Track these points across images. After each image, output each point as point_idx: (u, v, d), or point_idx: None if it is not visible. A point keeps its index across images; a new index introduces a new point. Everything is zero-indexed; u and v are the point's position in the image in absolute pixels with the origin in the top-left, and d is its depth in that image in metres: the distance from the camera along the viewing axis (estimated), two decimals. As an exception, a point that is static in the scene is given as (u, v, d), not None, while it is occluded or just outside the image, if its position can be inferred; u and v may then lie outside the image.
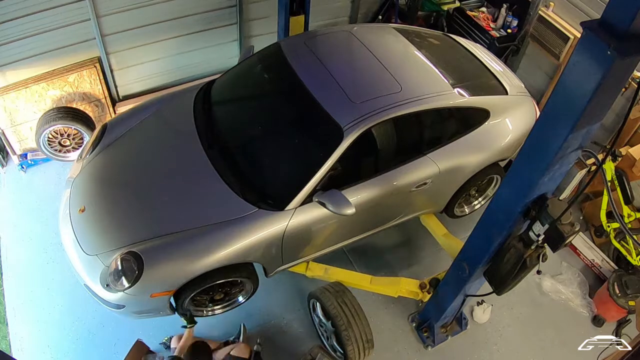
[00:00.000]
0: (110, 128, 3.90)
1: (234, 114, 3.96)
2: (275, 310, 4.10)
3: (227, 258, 3.18)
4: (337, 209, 3.23)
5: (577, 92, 2.00)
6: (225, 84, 4.11)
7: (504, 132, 4.05)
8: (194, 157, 3.55)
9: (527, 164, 2.44)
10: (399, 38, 4.21)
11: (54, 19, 4.40)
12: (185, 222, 3.25)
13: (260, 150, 3.65)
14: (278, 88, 3.94)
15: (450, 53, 4.42)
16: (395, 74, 3.73)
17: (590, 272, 4.62)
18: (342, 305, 3.48)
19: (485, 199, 4.55)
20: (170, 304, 3.33)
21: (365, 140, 3.44)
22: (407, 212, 4.11)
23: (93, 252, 3.25)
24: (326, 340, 3.77)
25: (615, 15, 1.78)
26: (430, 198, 4.05)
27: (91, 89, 4.92)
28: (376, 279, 3.91)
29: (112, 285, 3.11)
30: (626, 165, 4.32)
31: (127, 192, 3.50)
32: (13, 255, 4.30)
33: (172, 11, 4.95)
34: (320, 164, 3.31)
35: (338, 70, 3.69)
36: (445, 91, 3.78)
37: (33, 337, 3.83)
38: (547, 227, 2.55)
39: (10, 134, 4.80)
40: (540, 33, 5.37)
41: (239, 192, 3.37)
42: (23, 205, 4.66)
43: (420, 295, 3.87)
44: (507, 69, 4.55)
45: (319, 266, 3.88)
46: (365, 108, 3.45)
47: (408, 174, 3.69)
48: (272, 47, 4.06)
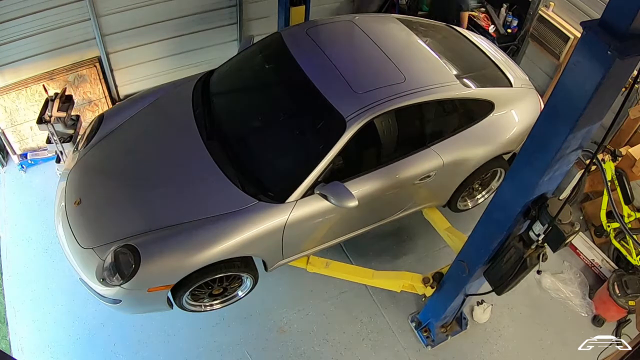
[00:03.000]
0: (107, 118, 3.83)
1: (233, 104, 3.90)
2: (275, 306, 4.10)
3: (226, 252, 3.12)
4: (339, 201, 3.16)
5: (577, 92, 2.00)
6: (224, 74, 4.03)
7: (508, 124, 3.99)
8: (193, 149, 3.49)
9: (527, 163, 2.44)
10: (402, 28, 4.15)
11: (54, 19, 4.40)
12: (184, 214, 3.19)
13: (261, 141, 3.59)
14: (279, 78, 3.87)
15: (454, 44, 4.36)
16: (399, 64, 3.67)
17: (590, 272, 4.61)
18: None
19: (488, 192, 4.47)
20: (168, 299, 3.28)
21: (368, 131, 3.38)
22: (410, 206, 4.03)
23: (89, 245, 3.20)
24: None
25: (615, 16, 1.78)
26: (433, 191, 3.99)
27: (91, 88, 4.93)
28: (378, 273, 3.87)
29: (108, 279, 3.05)
30: (626, 165, 4.31)
31: (124, 184, 3.44)
32: (13, 255, 4.30)
33: (172, 11, 4.95)
34: (322, 156, 3.25)
35: (340, 60, 3.63)
36: (449, 82, 3.72)
37: (33, 337, 3.83)
38: (547, 227, 2.55)
39: (10, 134, 4.80)
40: (540, 33, 5.37)
41: (239, 184, 3.30)
42: (23, 205, 4.66)
43: (424, 289, 3.81)
44: (511, 61, 4.50)
45: (320, 260, 3.83)
46: (368, 98, 3.38)
47: (411, 167, 3.63)
48: (273, 37, 3.99)
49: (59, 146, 4.51)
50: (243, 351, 3.84)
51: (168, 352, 3.78)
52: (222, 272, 3.26)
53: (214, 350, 3.82)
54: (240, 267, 3.31)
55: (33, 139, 4.92)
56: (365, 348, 3.95)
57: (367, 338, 4.00)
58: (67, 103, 4.50)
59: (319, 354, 3.89)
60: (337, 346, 3.94)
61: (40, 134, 4.82)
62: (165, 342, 3.83)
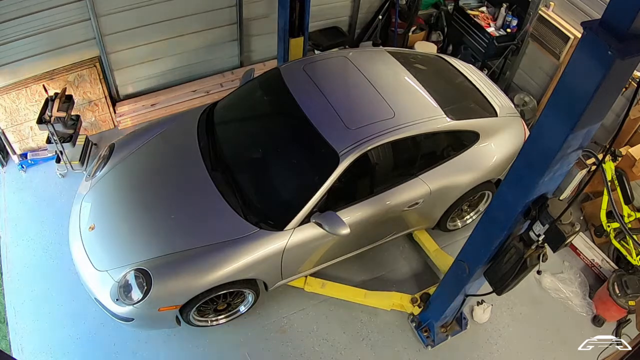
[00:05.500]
0: (118, 148, 4.06)
1: (235, 136, 4.10)
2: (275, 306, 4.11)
3: (230, 275, 3.35)
4: (333, 229, 3.40)
5: (578, 92, 2.00)
6: (227, 107, 4.25)
7: (493, 153, 4.17)
8: (199, 179, 3.72)
9: (528, 164, 2.44)
10: (392, 63, 4.34)
11: (54, 19, 4.40)
12: (191, 241, 3.42)
13: (261, 172, 3.79)
14: (278, 113, 4.13)
15: (442, 75, 4.55)
16: (389, 100, 3.87)
17: (590, 272, 4.62)
18: None
19: (477, 214, 4.70)
20: (177, 317, 3.49)
21: (360, 163, 3.57)
22: (400, 230, 4.30)
23: (103, 268, 3.42)
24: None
25: (615, 16, 1.77)
26: (422, 216, 4.21)
27: (91, 88, 4.93)
28: (370, 293, 4.11)
29: (122, 299, 3.27)
30: (626, 165, 4.32)
31: (135, 211, 3.65)
32: (13, 254, 4.30)
33: (172, 11, 4.95)
34: (317, 188, 3.46)
35: (334, 97, 3.84)
36: (436, 115, 3.89)
37: (33, 337, 3.83)
38: (548, 227, 2.55)
39: (10, 134, 4.80)
40: (540, 33, 5.37)
41: (241, 212, 3.53)
42: (23, 205, 4.66)
43: (412, 308, 4.05)
44: (497, 88, 4.66)
45: (317, 281, 4.09)
46: (360, 134, 3.59)
47: (400, 195, 3.84)
48: (272, 73, 4.21)
49: (59, 146, 4.53)
50: (243, 351, 3.85)
51: (168, 352, 3.79)
52: (226, 289, 3.47)
53: (213, 350, 3.83)
54: (242, 285, 3.54)
55: (33, 139, 4.92)
56: (365, 348, 3.95)
57: (367, 338, 4.01)
58: (67, 103, 4.52)
59: (319, 354, 3.90)
60: (337, 346, 3.94)
61: (41, 134, 4.82)
62: (165, 342, 3.83)
